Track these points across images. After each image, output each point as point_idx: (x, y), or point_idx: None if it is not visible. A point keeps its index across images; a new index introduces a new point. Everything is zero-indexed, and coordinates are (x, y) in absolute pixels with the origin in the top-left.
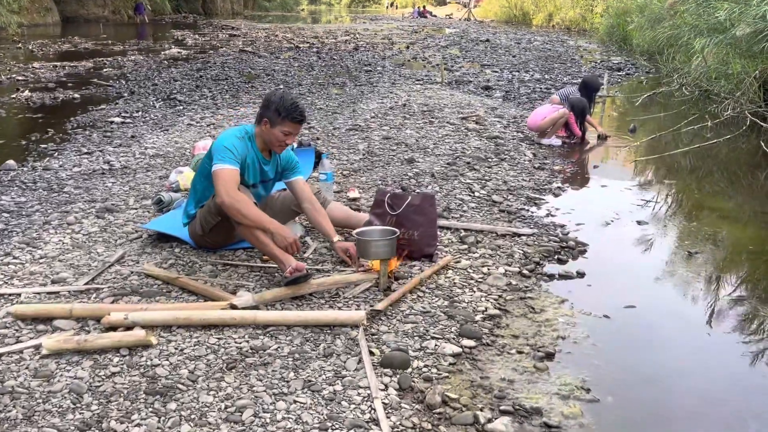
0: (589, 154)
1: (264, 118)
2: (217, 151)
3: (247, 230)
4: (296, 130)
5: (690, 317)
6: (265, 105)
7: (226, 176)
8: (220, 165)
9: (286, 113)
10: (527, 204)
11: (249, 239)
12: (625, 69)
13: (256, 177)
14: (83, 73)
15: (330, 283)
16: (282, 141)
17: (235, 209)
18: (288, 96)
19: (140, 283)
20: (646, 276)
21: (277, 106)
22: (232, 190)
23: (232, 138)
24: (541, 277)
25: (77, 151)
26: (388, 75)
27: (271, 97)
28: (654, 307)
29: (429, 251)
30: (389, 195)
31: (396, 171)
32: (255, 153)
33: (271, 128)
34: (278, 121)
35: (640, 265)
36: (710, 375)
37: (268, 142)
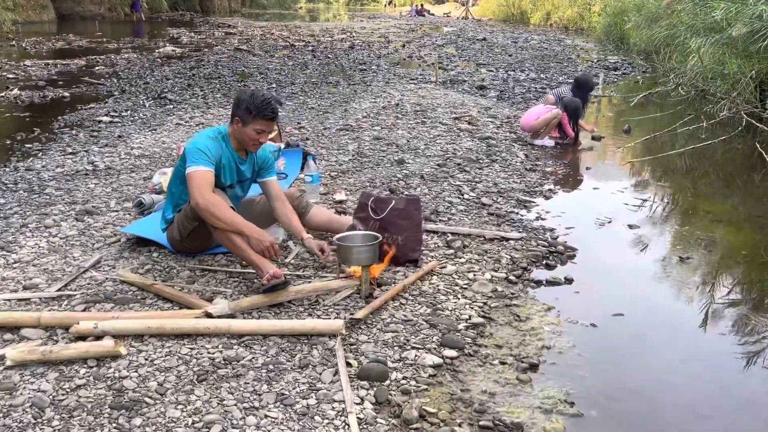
0: (582, 155)
1: (235, 117)
2: (190, 153)
3: (223, 234)
4: (269, 128)
5: (680, 326)
6: (235, 104)
7: (199, 178)
8: (194, 167)
9: (257, 111)
10: (517, 207)
11: (225, 244)
12: (622, 68)
13: (233, 177)
14: (75, 71)
15: (309, 290)
16: (255, 139)
17: (208, 212)
18: (258, 93)
19: (115, 289)
20: (636, 282)
21: (247, 104)
22: (207, 193)
23: (205, 139)
24: (528, 284)
25: (62, 151)
26: (382, 74)
27: (242, 95)
28: (643, 316)
29: (414, 256)
30: (373, 198)
31: (385, 172)
32: (230, 153)
33: (243, 127)
34: (249, 119)
35: (629, 270)
36: (700, 388)
37: (241, 141)
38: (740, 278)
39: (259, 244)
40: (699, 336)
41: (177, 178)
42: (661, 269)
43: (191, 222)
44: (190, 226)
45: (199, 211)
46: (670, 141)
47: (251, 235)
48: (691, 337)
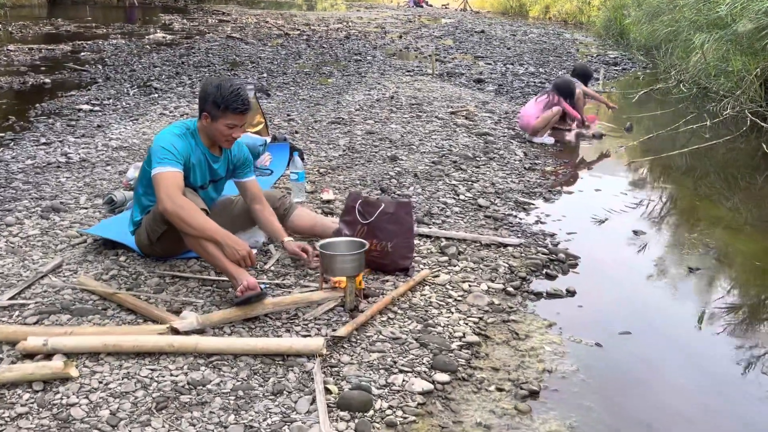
0: (582, 153)
1: (203, 111)
2: (155, 153)
3: (195, 240)
4: (241, 122)
5: (693, 347)
6: (201, 97)
7: (166, 180)
8: (160, 168)
9: (226, 104)
10: (515, 209)
11: (197, 250)
12: (622, 64)
13: (205, 177)
14: (59, 57)
15: (288, 302)
16: (228, 135)
17: (178, 218)
18: (226, 83)
19: (73, 298)
20: (643, 296)
21: (214, 97)
22: (175, 195)
23: (170, 137)
24: (528, 296)
25: (35, 142)
26: (377, 65)
27: (207, 87)
28: (652, 334)
29: (404, 264)
30: (361, 201)
31: (377, 170)
32: (201, 150)
33: (212, 123)
34: (218, 113)
35: (636, 282)
36: (716, 421)
37: (212, 137)
38: (755, 292)
39: (234, 253)
40: (714, 359)
41: (143, 178)
42: (670, 281)
43: (160, 225)
44: (159, 229)
45: (168, 216)
46: (672, 140)
47: (225, 243)
48: (706, 360)
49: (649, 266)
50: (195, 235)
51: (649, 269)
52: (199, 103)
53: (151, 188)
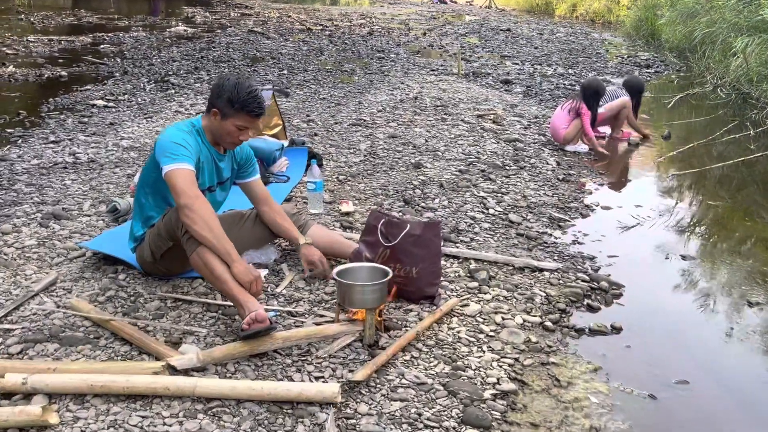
0: (619, 164)
1: (214, 108)
2: (164, 149)
3: (200, 258)
4: (252, 125)
5: (762, 401)
6: (215, 93)
7: (184, 176)
8: (174, 164)
9: (241, 104)
10: (550, 226)
11: (201, 270)
12: (654, 66)
13: (212, 178)
14: (78, 49)
15: (300, 336)
16: (235, 137)
17: (200, 218)
18: (244, 83)
19: (64, 323)
20: (699, 335)
21: (230, 94)
22: (196, 192)
23: (180, 133)
24: (568, 332)
25: (44, 139)
26: (401, 63)
27: (224, 83)
28: (713, 384)
29: (430, 292)
30: (384, 221)
31: (400, 178)
32: (208, 149)
33: (222, 121)
34: (231, 112)
35: (689, 318)
36: None
37: (217, 137)
38: None
39: (246, 274)
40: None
41: (145, 185)
42: (728, 318)
43: (165, 241)
44: (164, 245)
45: (189, 213)
46: (714, 150)
47: (238, 263)
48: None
49: (703, 298)
50: (210, 245)
51: (702, 302)
52: (210, 98)
53: (156, 196)
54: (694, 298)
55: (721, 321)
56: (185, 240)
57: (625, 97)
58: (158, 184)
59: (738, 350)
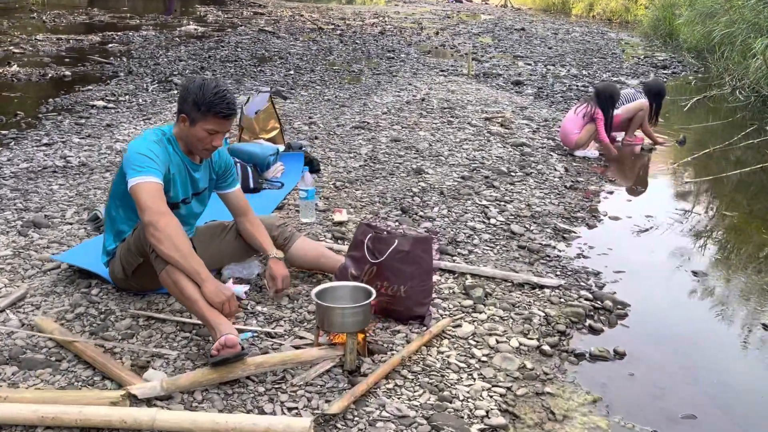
0: (631, 171)
1: (181, 113)
2: (131, 161)
3: (169, 277)
4: (224, 128)
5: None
6: (181, 96)
7: (149, 190)
8: (139, 178)
9: (208, 106)
10: (554, 238)
11: (170, 289)
12: (672, 67)
13: (187, 189)
14: (86, 48)
15: (275, 362)
16: (207, 143)
17: (166, 236)
18: (210, 83)
19: (26, 344)
20: (710, 363)
21: (195, 97)
22: (161, 207)
23: (147, 143)
24: (567, 357)
25: (37, 141)
26: (410, 63)
27: (189, 85)
28: (724, 420)
29: (419, 312)
30: (371, 236)
31: (399, 184)
32: (180, 158)
33: (191, 127)
34: (198, 116)
35: (699, 343)
36: None
37: (189, 144)
38: None
39: (218, 294)
40: None
41: (115, 197)
42: (742, 343)
43: (136, 257)
44: (135, 262)
45: (154, 231)
46: (732, 156)
47: (208, 282)
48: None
49: (714, 321)
50: (177, 264)
51: (714, 325)
52: (177, 104)
53: (126, 209)
54: (705, 321)
55: (734, 347)
56: (153, 258)
57: (643, 100)
58: (127, 197)
59: (752, 381)
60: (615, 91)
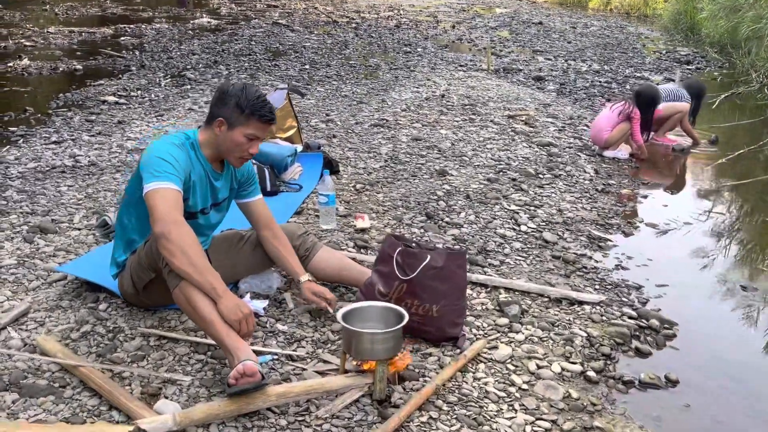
0: (664, 173)
1: (218, 117)
2: (149, 165)
3: (182, 293)
4: (263, 134)
5: None
6: (219, 99)
7: (166, 198)
8: (156, 183)
9: (252, 109)
10: (589, 247)
11: (185, 309)
12: (695, 62)
13: (206, 199)
14: (98, 41)
15: (298, 392)
16: (245, 149)
17: (179, 248)
18: (252, 88)
19: (28, 367)
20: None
21: (238, 99)
22: (177, 218)
23: (168, 146)
24: (614, 384)
25: (45, 139)
26: (428, 58)
27: (228, 88)
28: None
29: (452, 333)
30: (400, 250)
31: (423, 187)
32: (202, 165)
33: (228, 131)
34: (240, 120)
35: (756, 367)
36: None
37: (224, 151)
38: None
39: (235, 311)
40: None
41: (129, 204)
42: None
43: (147, 272)
44: (146, 277)
45: (167, 243)
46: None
47: (225, 298)
48: None
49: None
50: (189, 278)
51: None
52: (212, 107)
53: (141, 217)
54: (761, 342)
55: None
56: (166, 273)
57: (685, 103)
58: (143, 204)
59: None
60: (657, 94)
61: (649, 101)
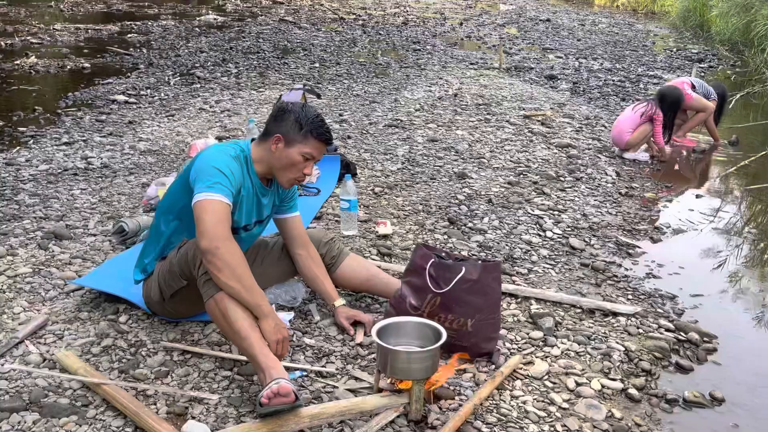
0: (687, 176)
1: (276, 133)
2: (204, 173)
3: (220, 307)
4: (319, 155)
5: None
6: (277, 116)
7: (217, 212)
8: (208, 194)
9: (311, 127)
10: (618, 254)
11: (218, 322)
12: (707, 60)
13: (251, 216)
14: (105, 38)
15: (332, 413)
16: (299, 169)
17: (225, 264)
18: (310, 107)
19: (48, 384)
20: None
21: (298, 116)
22: (226, 235)
23: (225, 157)
24: (658, 403)
25: (56, 140)
26: (438, 56)
27: (287, 106)
28: None
29: (487, 348)
30: (433, 262)
31: (442, 190)
32: (251, 181)
33: (286, 148)
34: (298, 138)
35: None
36: None
37: (277, 168)
38: None
39: (275, 332)
40: None
41: (169, 211)
42: None
43: (178, 279)
44: (176, 284)
45: (213, 258)
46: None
47: (269, 317)
48: None
49: None
50: (237, 294)
51: None
52: (269, 124)
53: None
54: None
55: None
56: (202, 282)
57: (714, 101)
58: (186, 212)
59: None
60: (681, 96)
61: (673, 103)
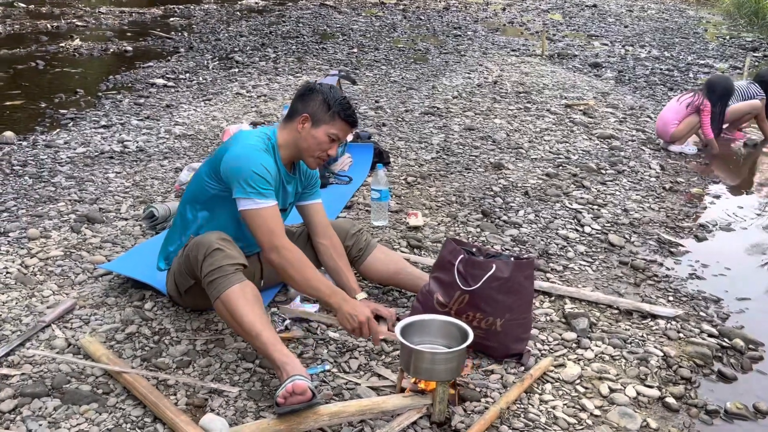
0: (736, 171)
1: (303, 113)
2: (243, 178)
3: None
4: (345, 136)
5: None
6: (304, 96)
7: (269, 220)
8: (255, 202)
9: (339, 108)
10: (659, 252)
11: (228, 321)
12: (762, 49)
13: (279, 203)
14: (148, 22)
15: (352, 412)
16: (325, 149)
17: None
18: (337, 90)
19: (71, 369)
20: None
21: (325, 97)
22: (285, 241)
23: (258, 155)
24: (697, 414)
25: (95, 123)
26: (479, 42)
27: (313, 87)
28: None
29: (517, 349)
30: (462, 258)
31: (477, 181)
32: (278, 169)
33: (312, 128)
34: (325, 118)
35: None
36: None
37: (303, 149)
38: None
39: (350, 320)
40: None
41: (197, 201)
42: None
43: (186, 279)
44: (186, 283)
45: (286, 254)
46: None
47: (342, 308)
48: None
49: None
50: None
51: None
52: (296, 103)
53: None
54: None
55: None
56: (207, 283)
57: (757, 101)
58: (218, 203)
59: None
60: (731, 86)
61: (723, 93)
